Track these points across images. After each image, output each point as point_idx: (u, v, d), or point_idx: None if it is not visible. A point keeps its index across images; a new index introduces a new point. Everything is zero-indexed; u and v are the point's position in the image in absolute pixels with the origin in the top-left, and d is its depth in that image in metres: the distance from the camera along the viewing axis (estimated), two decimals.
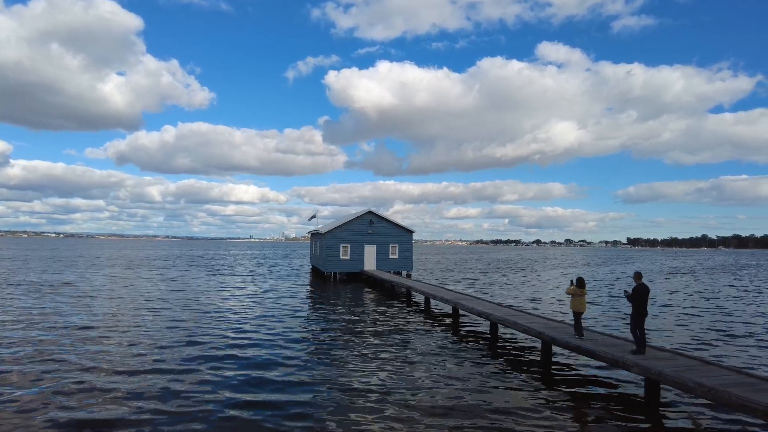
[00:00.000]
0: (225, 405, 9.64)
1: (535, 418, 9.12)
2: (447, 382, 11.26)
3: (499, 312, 16.69)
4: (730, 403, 7.96)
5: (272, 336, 16.24)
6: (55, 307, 21.98)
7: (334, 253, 38.23)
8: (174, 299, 25.30)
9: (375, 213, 39.78)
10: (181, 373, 11.80)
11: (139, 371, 11.88)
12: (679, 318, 21.64)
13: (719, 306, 26.23)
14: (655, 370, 9.49)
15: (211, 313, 20.82)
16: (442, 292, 22.78)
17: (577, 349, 11.75)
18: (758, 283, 43.73)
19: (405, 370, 12.28)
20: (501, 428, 8.63)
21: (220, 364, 12.61)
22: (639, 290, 10.61)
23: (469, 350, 14.61)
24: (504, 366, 12.87)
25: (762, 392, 8.01)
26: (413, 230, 40.85)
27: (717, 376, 8.96)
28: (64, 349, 13.95)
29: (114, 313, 20.65)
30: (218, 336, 16.14)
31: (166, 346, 14.59)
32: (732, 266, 77.35)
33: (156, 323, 18.32)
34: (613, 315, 22.25)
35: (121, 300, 24.77)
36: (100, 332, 16.48)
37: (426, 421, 8.87)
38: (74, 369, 11.97)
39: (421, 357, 13.65)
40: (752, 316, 22.82)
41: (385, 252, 39.46)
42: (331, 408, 9.51)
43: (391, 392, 10.47)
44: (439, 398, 10.15)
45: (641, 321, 10.62)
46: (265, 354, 13.79)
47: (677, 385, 8.97)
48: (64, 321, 18.45)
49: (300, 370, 12.11)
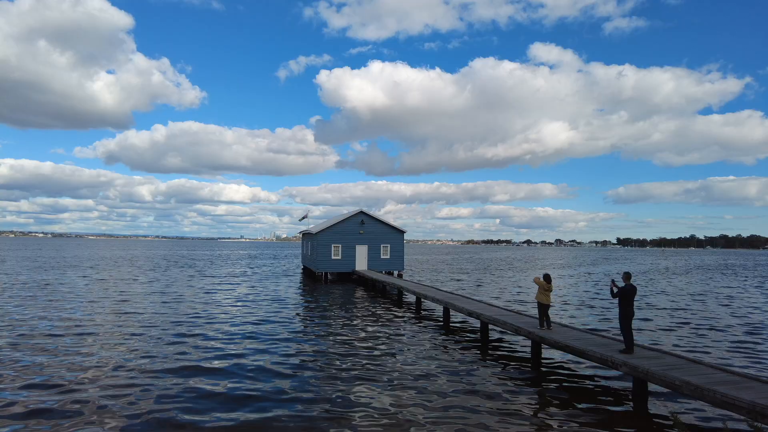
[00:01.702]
0: (211, 411, 9.60)
1: (524, 417, 9.21)
2: (437, 381, 11.31)
3: (489, 312, 16.79)
4: (715, 400, 8.11)
5: (261, 338, 16.20)
6: (9, 309, 20.75)
7: (326, 253, 38.19)
8: (153, 301, 25.10)
9: (366, 213, 39.80)
10: (158, 379, 11.49)
11: (105, 383, 10.94)
12: (666, 317, 21.91)
13: (706, 305, 26.59)
14: (642, 369, 9.64)
15: (194, 316, 20.45)
16: (433, 292, 22.87)
17: (567, 348, 11.88)
18: (744, 282, 44.36)
19: (395, 370, 12.33)
20: (491, 427, 8.70)
21: (200, 370, 12.46)
22: (626, 290, 10.73)
23: (460, 349, 14.69)
24: (494, 365, 12.96)
25: (746, 390, 8.17)
26: (404, 230, 40.92)
27: (703, 375, 9.12)
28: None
29: (78, 317, 19.79)
30: (200, 339, 15.99)
31: (139, 352, 14.03)
32: (721, 266, 78.36)
33: (126, 328, 17.17)
34: (601, 315, 22.47)
35: (92, 303, 23.68)
36: (54, 340, 14.95)
37: (416, 420, 8.92)
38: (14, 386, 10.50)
39: (412, 357, 13.70)
40: (737, 315, 23.17)
41: (376, 252, 39.50)
42: (321, 408, 9.53)
43: (381, 392, 10.52)
44: (429, 397, 10.20)
45: (629, 321, 10.73)
46: (254, 356, 13.71)
47: (664, 383, 9.11)
48: (21, 324, 17.37)
49: (288, 370, 12.11)
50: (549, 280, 13.56)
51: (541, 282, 13.52)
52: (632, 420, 9.19)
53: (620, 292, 10.76)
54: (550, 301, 13.59)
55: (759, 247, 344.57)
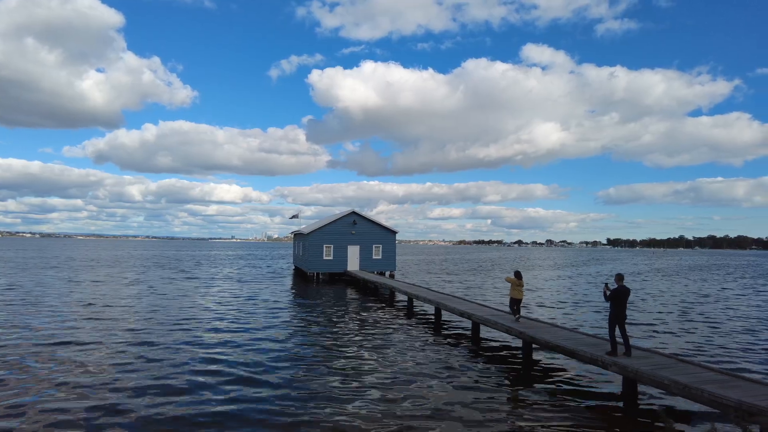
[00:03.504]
0: (197, 417, 9.54)
1: (515, 416, 9.25)
2: (428, 382, 11.33)
3: (480, 312, 16.85)
4: (703, 399, 8.20)
5: (251, 339, 16.11)
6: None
7: (317, 253, 38.09)
8: (141, 304, 24.87)
9: (358, 213, 39.78)
10: (141, 386, 11.35)
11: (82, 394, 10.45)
12: (656, 317, 22.12)
13: (694, 305, 26.88)
14: (632, 369, 9.72)
15: (181, 317, 20.31)
16: (424, 293, 22.90)
17: (557, 349, 11.95)
18: (733, 283, 44.93)
19: (386, 370, 12.32)
20: (482, 426, 8.73)
21: (187, 371, 12.41)
22: (618, 292, 10.65)
23: (451, 350, 14.72)
24: (486, 365, 13.00)
25: (732, 388, 8.27)
26: (396, 230, 40.96)
27: (691, 374, 9.22)
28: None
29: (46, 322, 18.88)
30: (188, 341, 15.89)
31: (117, 358, 13.81)
32: (710, 266, 79.26)
33: (109, 334, 16.58)
34: (593, 316, 22.64)
35: (66, 306, 23.26)
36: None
37: (407, 420, 8.92)
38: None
39: (403, 357, 13.70)
40: (726, 314, 23.45)
41: (368, 252, 39.48)
42: (310, 408, 9.49)
43: (372, 392, 10.50)
44: (420, 397, 10.21)
45: (621, 323, 10.61)
46: (243, 358, 13.61)
47: (653, 382, 9.20)
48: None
49: (277, 371, 12.05)
50: (520, 276, 15.00)
51: (513, 279, 14.92)
52: (622, 419, 9.27)
53: (612, 293, 10.68)
54: (522, 295, 15.02)
55: (746, 247, 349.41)
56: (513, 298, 14.97)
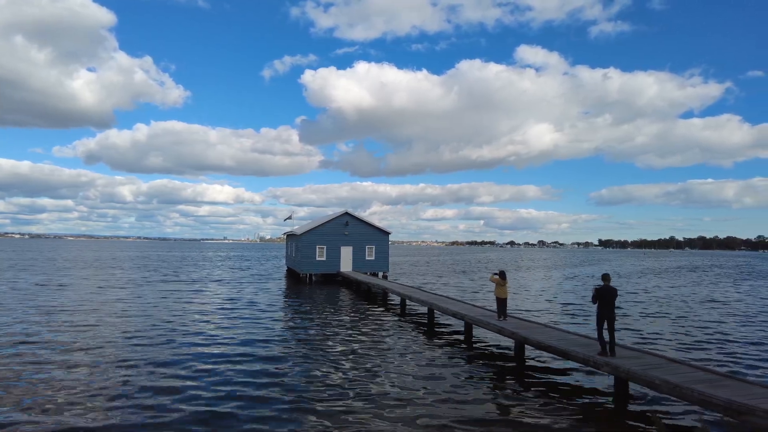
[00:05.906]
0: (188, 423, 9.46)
1: (507, 416, 9.27)
2: (421, 382, 11.33)
3: (473, 312, 16.89)
4: (693, 398, 8.28)
5: (244, 340, 16.04)
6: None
7: (310, 254, 38.00)
8: (130, 309, 24.67)
9: (351, 214, 39.74)
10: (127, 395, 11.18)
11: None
12: (647, 317, 22.29)
13: (685, 306, 27.12)
14: (623, 369, 9.79)
15: (169, 320, 20.23)
16: (417, 293, 22.91)
17: (550, 349, 12.00)
18: (724, 284, 45.38)
19: (379, 371, 12.31)
20: (474, 426, 8.74)
21: (176, 377, 12.35)
22: (603, 292, 10.58)
23: (444, 350, 14.73)
24: (478, 365, 13.03)
25: (722, 388, 8.36)
26: (389, 231, 40.97)
27: (682, 374, 9.31)
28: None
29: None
30: (178, 343, 15.80)
31: (97, 363, 13.71)
32: (700, 267, 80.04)
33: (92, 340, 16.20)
34: (584, 316, 22.78)
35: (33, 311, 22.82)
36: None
37: (400, 420, 8.91)
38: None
39: (396, 358, 13.70)
40: (716, 315, 23.68)
41: (361, 253, 39.45)
42: (302, 409, 9.46)
43: (364, 393, 10.49)
44: (413, 398, 10.21)
45: (609, 323, 10.64)
46: (231, 362, 13.51)
47: (645, 382, 9.27)
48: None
49: (269, 373, 12.01)
50: (504, 276, 15.26)
51: (497, 279, 15.18)
52: (613, 419, 9.31)
53: (597, 293, 10.58)
54: (507, 294, 15.32)
55: (735, 248, 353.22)
56: (498, 297, 15.28)
